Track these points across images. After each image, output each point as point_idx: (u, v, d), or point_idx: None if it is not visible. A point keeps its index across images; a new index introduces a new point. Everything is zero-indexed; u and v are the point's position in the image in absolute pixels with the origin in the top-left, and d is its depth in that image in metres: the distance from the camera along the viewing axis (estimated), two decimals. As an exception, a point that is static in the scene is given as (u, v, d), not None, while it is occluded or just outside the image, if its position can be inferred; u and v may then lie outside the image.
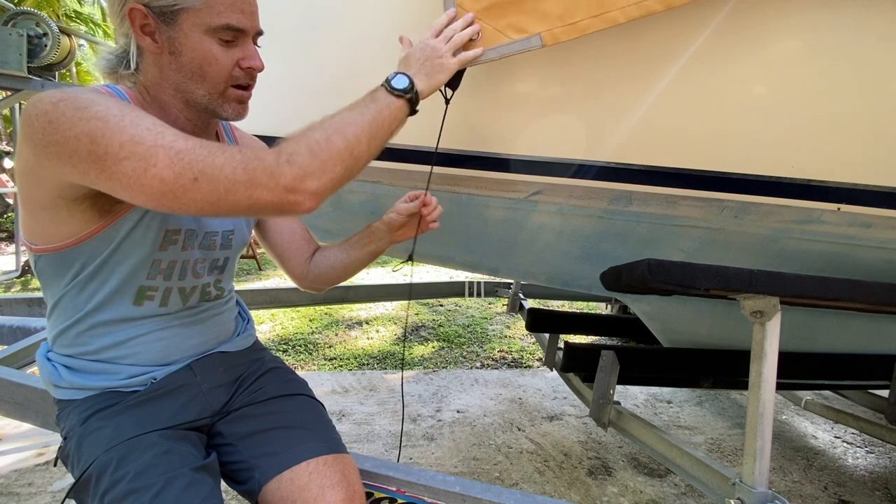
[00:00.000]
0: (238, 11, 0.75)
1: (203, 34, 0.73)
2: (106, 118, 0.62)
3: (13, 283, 5.17)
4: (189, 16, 0.72)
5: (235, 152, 0.65)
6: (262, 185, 0.65)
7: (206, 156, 0.63)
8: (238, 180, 0.64)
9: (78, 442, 0.81)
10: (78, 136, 0.61)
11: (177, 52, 0.74)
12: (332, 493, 0.81)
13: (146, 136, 0.62)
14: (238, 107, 0.81)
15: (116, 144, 0.61)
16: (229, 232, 0.93)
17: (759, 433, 1.02)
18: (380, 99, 0.79)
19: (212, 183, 0.63)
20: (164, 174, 0.61)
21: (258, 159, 0.65)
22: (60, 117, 0.62)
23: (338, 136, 0.72)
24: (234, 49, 0.76)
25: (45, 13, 3.75)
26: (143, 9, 0.71)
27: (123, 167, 0.61)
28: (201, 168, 0.62)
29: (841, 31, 1.05)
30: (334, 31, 1.24)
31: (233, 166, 0.64)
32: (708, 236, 1.28)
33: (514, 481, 1.95)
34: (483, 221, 1.37)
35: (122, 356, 0.85)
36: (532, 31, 0.95)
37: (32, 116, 0.63)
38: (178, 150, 0.62)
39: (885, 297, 1.07)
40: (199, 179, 0.62)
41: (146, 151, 0.61)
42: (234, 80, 0.78)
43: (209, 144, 0.64)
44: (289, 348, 3.43)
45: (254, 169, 0.64)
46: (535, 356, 3.37)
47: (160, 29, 0.73)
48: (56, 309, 0.84)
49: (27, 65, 3.34)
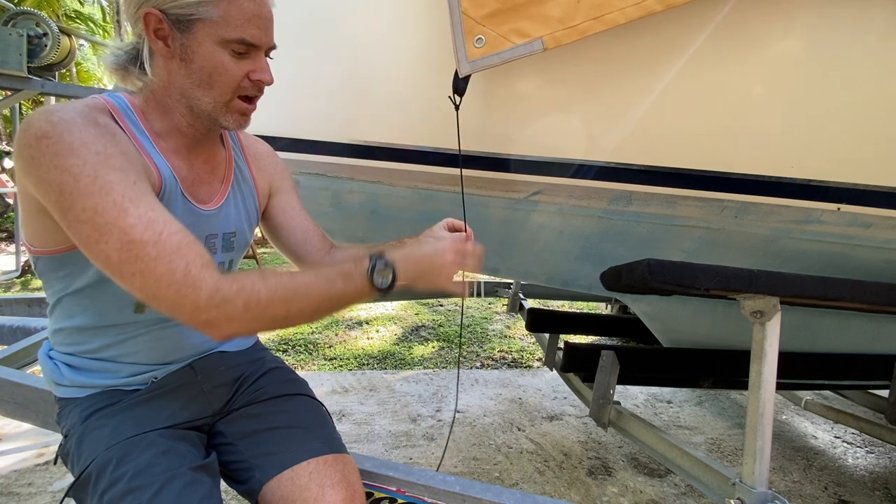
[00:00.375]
0: (254, 27, 0.75)
1: (216, 45, 0.73)
2: (78, 177, 0.62)
3: (13, 283, 5.17)
4: (204, 26, 0.72)
5: (179, 269, 0.64)
6: (184, 312, 0.66)
7: (153, 258, 0.63)
8: (166, 296, 0.65)
9: (78, 440, 0.81)
10: (49, 183, 0.63)
11: (188, 60, 0.74)
12: (333, 492, 0.81)
13: (109, 210, 0.63)
14: (241, 118, 0.81)
15: (79, 207, 0.63)
16: (231, 234, 0.92)
17: (759, 433, 1.02)
18: (352, 280, 0.73)
19: (144, 285, 0.65)
20: (110, 254, 0.64)
21: (193, 289, 0.64)
22: (40, 158, 0.63)
23: (281, 305, 0.69)
24: (245, 61, 0.76)
25: (45, 13, 3.75)
26: (159, 14, 0.71)
27: (80, 229, 0.64)
28: (141, 269, 0.64)
29: (841, 31, 1.05)
30: (339, 32, 1.24)
31: (168, 283, 0.64)
32: (708, 236, 1.28)
33: (514, 481, 1.95)
34: (483, 221, 1.37)
35: (123, 355, 0.85)
36: (534, 36, 0.96)
37: (21, 143, 0.64)
38: (131, 240, 0.63)
39: (886, 297, 1.07)
40: (136, 276, 0.64)
41: (103, 226, 0.63)
42: (242, 90, 0.78)
43: (166, 242, 0.64)
44: (289, 348, 3.43)
45: (184, 297, 0.65)
46: (535, 356, 3.37)
47: (174, 35, 0.73)
48: (57, 308, 0.84)
49: (27, 65, 3.34)
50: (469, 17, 0.96)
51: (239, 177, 0.93)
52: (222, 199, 0.88)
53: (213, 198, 0.87)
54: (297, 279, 0.71)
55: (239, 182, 0.93)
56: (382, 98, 1.26)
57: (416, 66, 1.20)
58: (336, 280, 0.73)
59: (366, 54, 1.23)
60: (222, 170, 0.90)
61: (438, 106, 1.06)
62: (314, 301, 0.71)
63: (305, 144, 1.34)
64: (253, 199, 0.96)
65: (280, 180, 1.02)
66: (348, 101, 1.28)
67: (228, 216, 0.90)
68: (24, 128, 0.65)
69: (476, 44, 0.98)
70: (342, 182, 1.38)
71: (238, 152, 0.95)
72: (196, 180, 0.84)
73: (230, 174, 0.91)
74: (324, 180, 1.38)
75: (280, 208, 1.02)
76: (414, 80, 1.21)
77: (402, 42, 1.21)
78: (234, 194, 0.91)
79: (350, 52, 1.24)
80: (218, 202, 0.87)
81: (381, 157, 1.29)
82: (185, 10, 0.71)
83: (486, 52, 0.98)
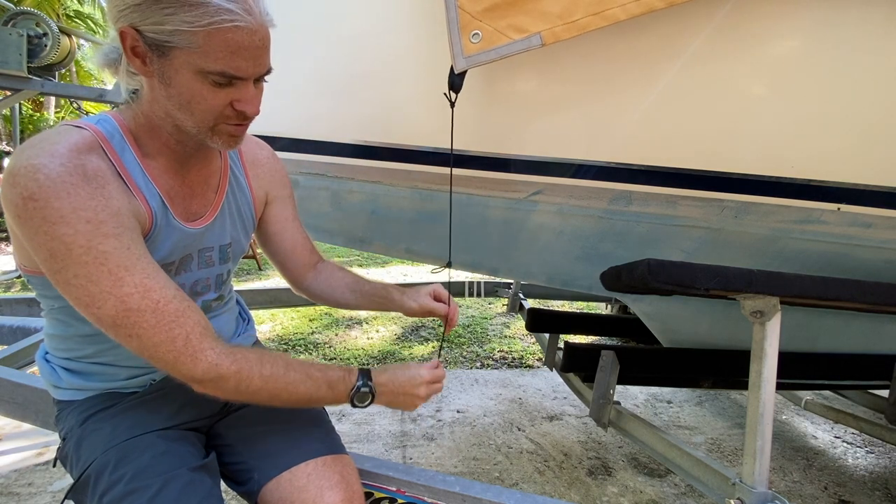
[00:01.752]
0: (240, 59, 0.67)
1: (194, 74, 0.67)
2: (70, 246, 0.62)
3: (13, 283, 5.17)
4: (182, 54, 0.65)
5: (179, 338, 0.67)
6: (179, 375, 0.69)
7: (152, 326, 0.65)
8: (163, 360, 0.67)
9: (77, 443, 0.81)
10: (40, 246, 0.62)
11: (166, 83, 0.68)
12: (331, 493, 0.81)
13: (104, 279, 0.63)
14: (229, 139, 0.76)
15: (71, 274, 0.63)
16: (227, 245, 0.90)
17: (759, 433, 1.02)
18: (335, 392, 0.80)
19: (141, 348, 0.67)
20: (104, 318, 0.65)
21: (191, 360, 0.67)
22: (28, 220, 0.61)
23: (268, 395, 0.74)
24: (229, 89, 0.70)
25: (45, 13, 3.75)
26: (134, 33, 0.65)
27: (71, 292, 0.64)
28: (139, 333, 0.65)
29: (841, 31, 1.05)
30: (338, 31, 1.24)
31: (166, 349, 0.66)
32: (708, 236, 1.28)
33: (514, 481, 1.95)
34: (483, 221, 1.37)
35: (120, 359, 0.84)
36: (532, 31, 0.94)
37: (6, 197, 0.62)
38: (128, 309, 0.64)
39: (886, 297, 1.07)
40: (132, 338, 0.66)
41: (98, 293, 0.63)
42: (225, 118, 0.72)
43: (164, 310, 0.66)
44: (289, 348, 3.43)
45: (181, 365, 0.67)
46: (535, 356, 3.37)
47: (150, 57, 0.67)
48: (50, 317, 0.84)
49: (27, 65, 3.34)
50: (465, 11, 0.95)
51: (234, 185, 0.91)
52: (216, 211, 0.86)
53: (208, 210, 0.85)
54: (289, 375, 0.75)
55: (234, 191, 0.91)
56: (382, 98, 1.25)
57: (417, 65, 1.20)
58: (322, 387, 0.79)
59: (365, 54, 1.23)
60: (216, 179, 0.88)
61: (438, 105, 1.06)
62: (297, 398, 0.77)
63: (305, 144, 1.34)
64: (249, 206, 0.94)
65: (278, 189, 1.00)
66: (348, 100, 1.28)
67: (224, 227, 0.88)
68: (8, 180, 0.61)
69: (472, 39, 0.96)
70: (342, 182, 1.38)
71: (235, 159, 0.93)
72: (189, 194, 0.82)
73: (224, 184, 0.88)
74: (324, 180, 1.38)
75: (274, 218, 1.01)
76: (414, 79, 1.21)
77: (402, 41, 1.20)
78: (228, 204, 0.89)
79: (350, 51, 1.24)
80: (212, 214, 0.86)
81: (381, 157, 1.29)
82: (160, 35, 0.64)
83: (483, 48, 0.96)
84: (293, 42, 1.22)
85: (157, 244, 0.76)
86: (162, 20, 0.63)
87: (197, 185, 0.84)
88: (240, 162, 0.94)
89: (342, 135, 1.30)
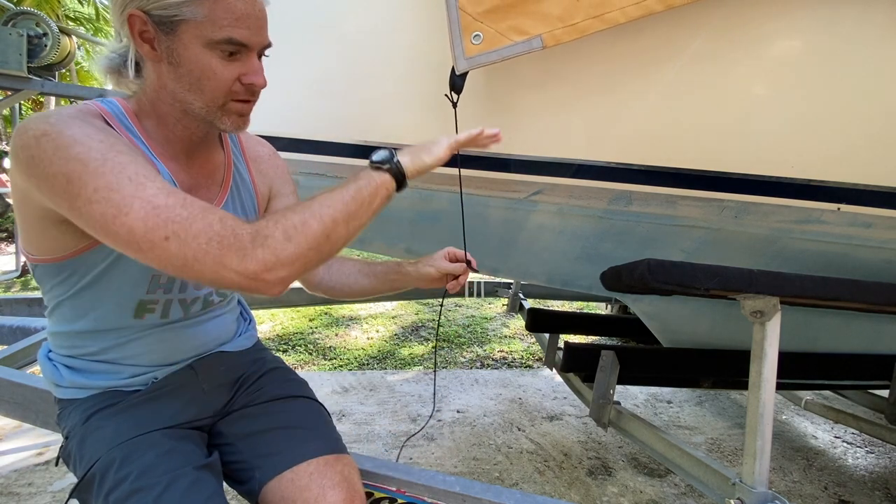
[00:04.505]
0: (243, 27, 0.71)
1: (203, 47, 0.70)
2: (86, 161, 0.60)
3: (13, 283, 5.17)
4: (189, 27, 0.69)
5: (215, 221, 0.62)
6: (231, 266, 0.62)
7: (185, 218, 0.60)
8: (209, 252, 0.61)
9: (80, 441, 0.81)
10: (55, 175, 0.61)
11: (175, 63, 0.71)
12: (333, 493, 0.81)
13: (125, 185, 0.60)
14: (238, 119, 0.77)
15: (91, 188, 0.60)
16: None
17: (759, 433, 1.02)
18: (361, 176, 0.76)
19: (182, 247, 0.60)
20: (134, 225, 0.60)
21: (235, 236, 0.62)
22: (41, 154, 0.61)
23: (314, 219, 0.68)
24: (235, 63, 0.73)
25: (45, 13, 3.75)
26: (142, 16, 0.68)
27: (93, 210, 0.60)
28: (175, 230, 0.60)
29: (841, 31, 1.05)
30: (338, 30, 1.24)
31: (208, 237, 0.61)
32: (708, 236, 1.28)
33: (514, 481, 1.95)
34: (483, 221, 1.37)
35: (124, 357, 0.85)
36: (533, 33, 0.95)
37: (17, 147, 0.63)
38: (157, 206, 0.60)
39: (886, 297, 1.07)
40: (170, 239, 0.60)
41: (122, 200, 0.60)
42: (234, 94, 0.75)
43: (192, 204, 0.62)
44: (289, 348, 3.43)
45: (228, 246, 0.61)
46: (535, 356, 3.37)
47: (159, 37, 0.70)
48: (54, 313, 0.84)
49: (27, 65, 3.34)
50: (466, 13, 0.95)
51: (238, 180, 0.91)
52: (221, 205, 0.87)
53: (212, 203, 0.85)
54: (314, 198, 0.72)
55: (238, 185, 0.91)
56: (382, 98, 1.26)
57: (417, 65, 1.20)
58: (349, 182, 0.75)
59: (365, 53, 1.23)
60: (221, 174, 0.88)
61: (439, 105, 1.06)
62: (338, 208, 0.71)
63: (305, 144, 1.34)
64: (252, 202, 0.94)
65: (281, 184, 1.00)
66: (348, 100, 1.28)
67: None
68: (19, 133, 0.63)
69: (473, 40, 0.97)
70: (342, 182, 1.37)
71: (238, 154, 0.94)
72: (194, 186, 0.83)
73: (229, 178, 0.89)
74: (324, 180, 1.38)
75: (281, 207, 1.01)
76: (414, 79, 1.21)
77: (402, 41, 1.21)
78: (232, 199, 0.89)
79: (350, 51, 1.24)
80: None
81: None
82: (168, 10, 0.68)
83: (484, 49, 0.97)
84: (293, 42, 1.22)
85: None
86: None
87: (202, 178, 0.85)
88: (242, 158, 0.94)
89: (342, 135, 1.30)
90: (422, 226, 1.42)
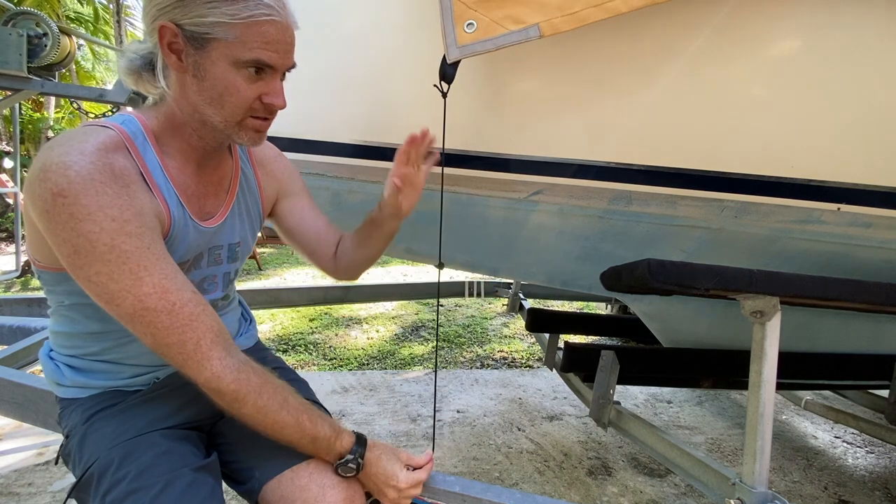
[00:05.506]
0: (272, 50, 0.73)
1: (230, 65, 0.72)
2: (94, 243, 0.64)
3: (13, 283, 5.17)
4: (220, 45, 0.70)
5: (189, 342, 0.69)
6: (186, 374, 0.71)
7: (165, 327, 0.68)
8: (172, 359, 0.70)
9: (80, 441, 0.81)
10: (64, 242, 0.64)
11: (200, 77, 0.73)
12: (333, 492, 0.81)
13: (125, 278, 0.66)
14: (254, 135, 0.80)
15: (93, 271, 0.65)
16: (236, 244, 0.93)
17: (759, 433, 1.02)
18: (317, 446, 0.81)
19: (155, 345, 0.70)
20: (123, 314, 0.68)
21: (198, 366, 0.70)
22: (56, 215, 0.63)
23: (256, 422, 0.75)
24: (259, 82, 0.75)
25: (45, 13, 3.75)
26: (174, 28, 0.70)
27: (92, 288, 0.67)
28: (153, 332, 0.68)
29: (841, 31, 1.05)
30: (337, 30, 1.24)
31: (177, 350, 0.69)
32: (708, 236, 1.28)
33: (514, 481, 1.95)
34: (483, 221, 1.37)
35: (125, 357, 0.85)
36: (530, 22, 0.92)
37: (34, 193, 0.64)
38: (145, 308, 0.67)
39: (886, 297, 1.07)
40: (146, 336, 0.69)
41: (117, 291, 0.66)
42: (253, 112, 0.77)
43: (179, 313, 0.68)
44: (289, 348, 3.43)
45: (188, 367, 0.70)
46: (535, 356, 3.37)
47: (188, 51, 0.71)
48: (57, 314, 0.84)
49: (27, 65, 3.33)
50: (460, 1, 0.93)
51: (244, 186, 0.93)
52: (227, 211, 0.89)
53: (219, 210, 0.88)
54: (280, 414, 0.76)
55: (244, 191, 0.93)
56: (382, 97, 1.26)
57: (417, 65, 1.20)
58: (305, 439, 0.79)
59: (366, 53, 1.23)
60: (228, 180, 0.90)
61: (438, 105, 1.06)
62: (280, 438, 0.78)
63: (305, 144, 1.34)
64: (257, 206, 0.97)
65: (289, 184, 1.02)
66: (348, 100, 1.28)
67: (233, 227, 0.91)
68: (38, 175, 0.63)
69: (467, 28, 0.95)
70: (342, 182, 1.38)
71: (245, 159, 0.95)
72: (204, 194, 0.85)
73: (235, 184, 0.91)
74: (324, 180, 1.38)
75: (290, 212, 1.03)
76: (414, 79, 1.21)
77: (403, 41, 1.21)
78: (238, 205, 0.92)
79: (350, 51, 1.24)
80: (223, 214, 0.88)
81: (381, 157, 1.29)
82: (201, 27, 0.69)
83: (478, 38, 0.94)
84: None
85: (176, 244, 0.78)
86: (204, 13, 0.69)
87: (211, 185, 0.86)
88: (249, 163, 0.96)
89: (342, 135, 1.31)
90: (422, 226, 1.42)
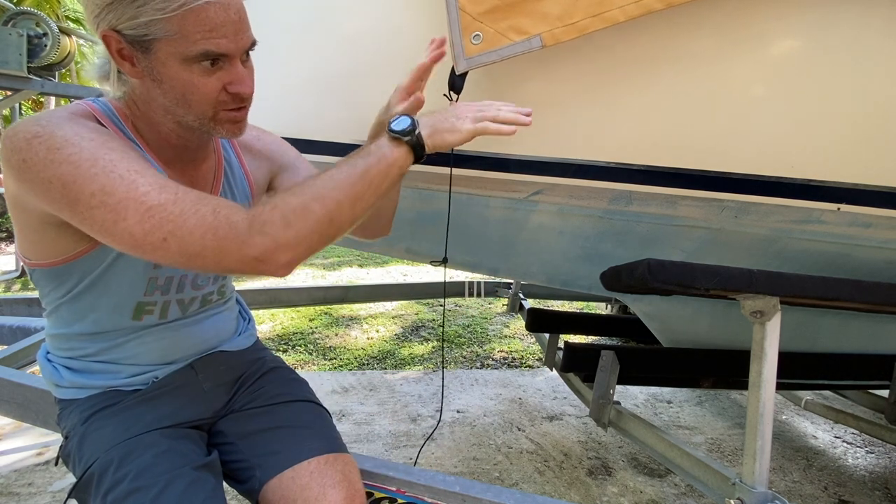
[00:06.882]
0: (219, 37, 0.66)
1: (181, 63, 0.66)
2: (77, 163, 0.60)
3: (13, 283, 5.17)
4: (163, 45, 0.65)
5: (208, 214, 0.62)
6: (231, 254, 0.63)
7: (178, 215, 0.61)
8: (207, 246, 0.62)
9: (79, 441, 0.81)
10: (50, 180, 0.61)
11: (158, 80, 0.68)
12: (334, 492, 0.81)
13: (117, 186, 0.60)
14: (232, 127, 0.75)
15: (87, 193, 0.60)
16: None
17: (759, 433, 1.02)
18: (373, 151, 0.72)
19: (181, 245, 0.61)
20: (133, 230, 0.60)
21: (230, 226, 0.62)
22: (34, 157, 0.61)
23: (316, 203, 0.66)
24: (219, 73, 0.69)
25: (45, 13, 3.75)
26: (115, 35, 0.65)
27: (94, 215, 0.61)
28: (171, 229, 0.61)
29: (841, 31, 1.05)
30: (337, 30, 1.24)
31: (203, 231, 0.61)
32: (708, 236, 1.28)
33: (514, 481, 1.95)
34: (483, 221, 1.37)
35: (123, 357, 0.85)
36: (532, 33, 0.95)
37: (9, 150, 0.62)
38: (149, 207, 0.60)
39: (886, 297, 1.07)
40: (167, 240, 0.61)
41: (116, 204, 0.60)
42: (223, 104, 0.72)
43: (184, 198, 0.62)
44: (289, 348, 3.43)
45: (224, 237, 0.62)
46: (535, 356, 3.37)
47: (137, 56, 0.67)
48: (53, 316, 0.84)
49: (27, 65, 3.34)
50: (466, 13, 0.95)
51: (230, 176, 0.90)
52: None
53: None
54: (320, 176, 0.69)
55: (230, 182, 0.90)
56: (382, 97, 1.25)
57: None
58: (359, 157, 0.71)
59: (365, 53, 1.23)
60: (212, 173, 0.88)
61: (438, 105, 1.06)
62: (344, 189, 0.68)
63: (304, 144, 1.34)
64: (246, 196, 0.93)
65: (280, 157, 0.97)
66: (347, 100, 1.28)
67: None
68: (9, 136, 0.62)
69: (473, 40, 0.97)
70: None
71: (228, 148, 0.92)
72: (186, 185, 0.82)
73: (220, 176, 0.88)
74: (324, 180, 1.38)
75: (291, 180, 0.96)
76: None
77: (403, 41, 1.20)
78: (224, 196, 0.88)
79: (349, 50, 1.24)
80: None
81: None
82: (138, 30, 0.64)
83: (484, 49, 0.97)
84: (292, 41, 1.22)
85: None
86: (135, 13, 0.63)
87: (195, 180, 0.84)
88: (234, 151, 0.93)
89: (342, 135, 1.30)
90: (422, 226, 1.42)
